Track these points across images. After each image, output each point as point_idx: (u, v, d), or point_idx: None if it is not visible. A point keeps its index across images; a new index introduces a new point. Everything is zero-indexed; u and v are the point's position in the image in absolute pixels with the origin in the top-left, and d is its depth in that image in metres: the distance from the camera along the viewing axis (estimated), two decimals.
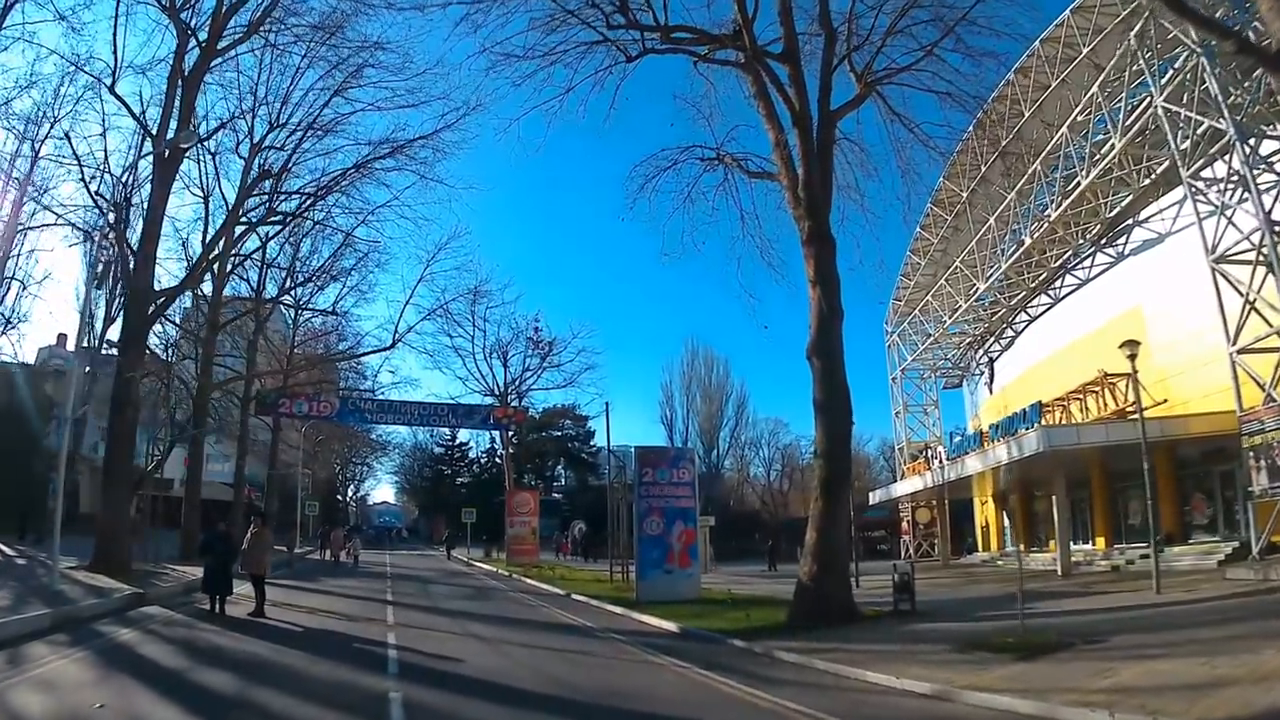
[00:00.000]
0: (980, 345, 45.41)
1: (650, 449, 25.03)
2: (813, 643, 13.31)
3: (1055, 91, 29.55)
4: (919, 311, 45.83)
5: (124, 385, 22.22)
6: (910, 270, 44.74)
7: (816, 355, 17.19)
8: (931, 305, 44.22)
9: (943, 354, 47.90)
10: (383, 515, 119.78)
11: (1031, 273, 35.81)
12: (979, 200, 36.59)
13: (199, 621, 15.48)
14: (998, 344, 43.81)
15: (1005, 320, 41.34)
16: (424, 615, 18.68)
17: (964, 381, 49.57)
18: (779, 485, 76.91)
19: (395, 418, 34.28)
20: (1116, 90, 27.02)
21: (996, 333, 43.10)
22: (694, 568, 23.29)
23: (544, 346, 48.74)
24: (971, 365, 47.83)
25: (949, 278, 40.66)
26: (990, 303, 40.28)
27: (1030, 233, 33.20)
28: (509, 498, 46.80)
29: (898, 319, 48.24)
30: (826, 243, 17.53)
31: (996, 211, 35.10)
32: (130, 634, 13.52)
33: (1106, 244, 31.72)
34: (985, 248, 37.16)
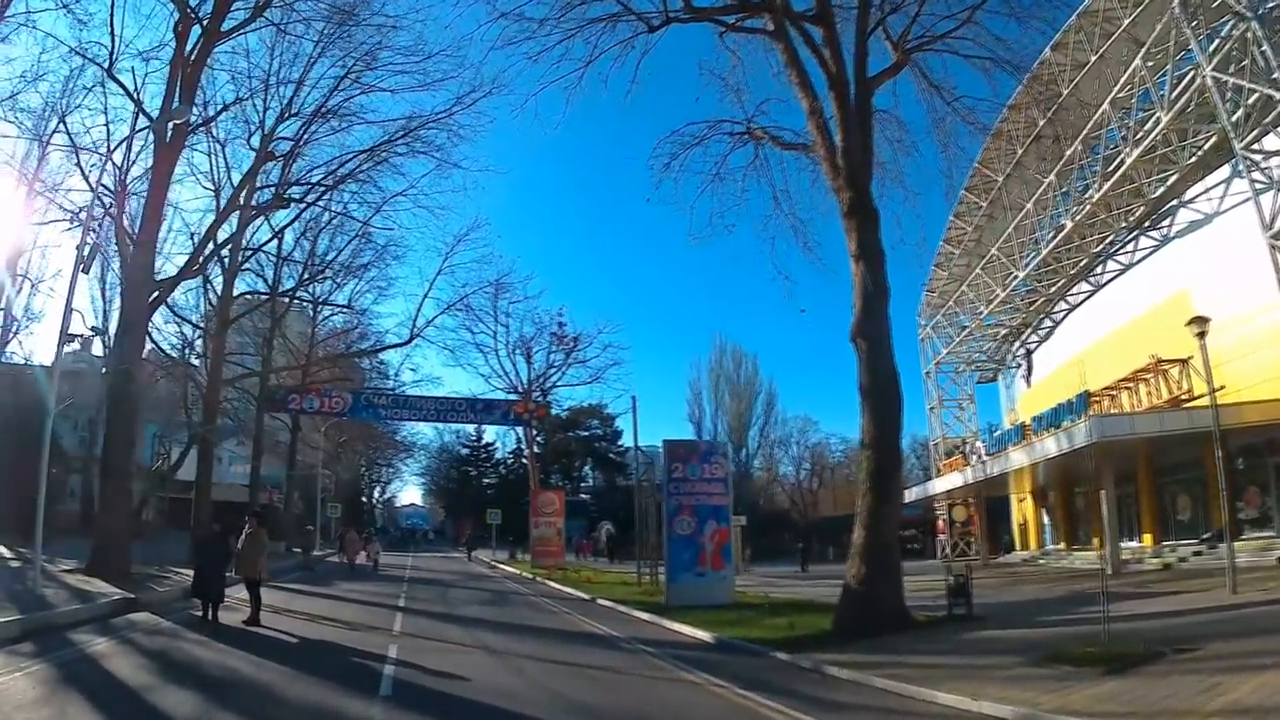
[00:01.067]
0: (1017, 337, 43.84)
1: (680, 442, 23.43)
2: (865, 655, 11.93)
3: (1094, 68, 27.92)
4: (953, 303, 44.23)
5: (121, 378, 20.99)
6: (944, 260, 43.06)
7: (862, 336, 15.84)
8: (966, 296, 42.57)
9: (978, 346, 46.14)
10: (410, 517, 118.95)
11: (1071, 258, 34.08)
12: (1015, 186, 35.03)
13: (186, 630, 14.14)
14: (1035, 335, 42.24)
15: (1043, 310, 39.70)
16: (434, 623, 17.17)
17: (999, 375, 47.88)
18: (809, 484, 75.59)
19: (411, 413, 32.78)
20: (1160, 64, 25.42)
21: (1034, 323, 41.48)
22: (727, 570, 21.79)
23: (568, 342, 47.53)
24: (1007, 358, 46.14)
25: (985, 267, 39.09)
26: (1028, 291, 38.53)
27: (1071, 216, 31.46)
28: (533, 498, 45.51)
29: (931, 311, 46.55)
30: (869, 214, 16.25)
31: (1035, 195, 33.49)
32: (104, 644, 12.31)
33: (1150, 226, 30.11)
34: (1023, 234, 35.62)
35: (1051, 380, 38.29)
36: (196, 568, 15.42)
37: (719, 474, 22.12)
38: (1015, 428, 35.77)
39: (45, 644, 11.82)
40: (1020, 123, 30.65)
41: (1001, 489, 42.40)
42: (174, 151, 22.63)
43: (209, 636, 13.45)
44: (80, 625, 13.75)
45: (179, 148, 22.88)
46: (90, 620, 14.32)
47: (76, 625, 13.69)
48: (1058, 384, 35.64)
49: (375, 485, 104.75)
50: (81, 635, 12.86)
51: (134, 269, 21.80)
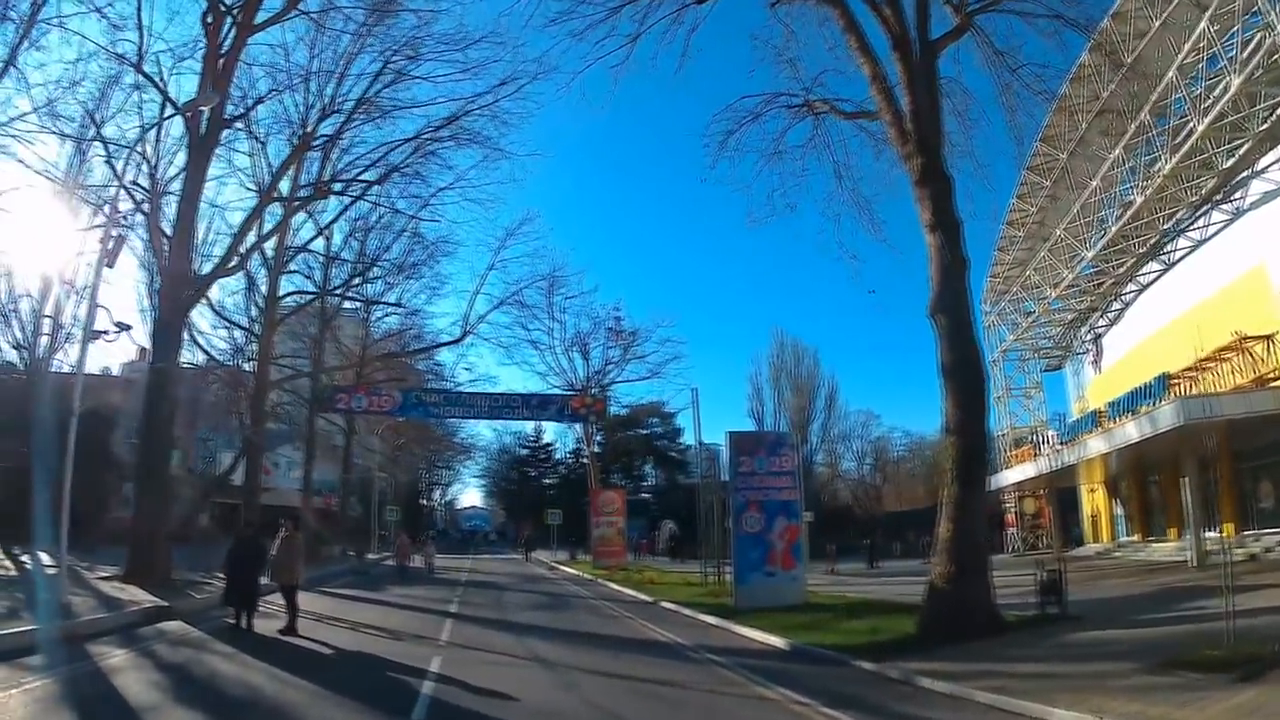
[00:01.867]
0: (1084, 321, 42.20)
1: (746, 434, 22.04)
2: (959, 662, 10.74)
3: (1157, 35, 26.22)
4: (1018, 288, 42.66)
5: (157, 378, 20.16)
6: (1006, 244, 41.53)
7: (941, 311, 14.58)
8: (1031, 280, 40.97)
9: (1044, 333, 44.64)
10: (471, 519, 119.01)
11: (1140, 236, 32.23)
12: (1079, 163, 33.44)
13: (215, 640, 13.03)
14: (1104, 319, 40.59)
15: (1112, 292, 37.95)
16: (485, 632, 15.87)
17: (1066, 362, 46.22)
18: (871, 479, 74.52)
19: (463, 411, 31.68)
20: (1226, 26, 23.66)
21: (1103, 307, 39.81)
22: (798, 569, 20.33)
23: (625, 337, 46.71)
24: (1074, 344, 44.49)
25: (1050, 249, 37.54)
26: (1095, 273, 36.78)
27: (1140, 191, 29.69)
28: (593, 497, 44.59)
29: (995, 297, 45.05)
30: (943, 181, 15.10)
31: (1100, 172, 31.80)
32: (121, 656, 11.31)
33: (1223, 199, 28.27)
34: (1088, 213, 33.93)
35: (1123, 364, 36.74)
36: (229, 574, 14.37)
37: (787, 467, 20.71)
38: (1089, 415, 34.14)
39: (58, 656, 10.91)
40: (1083, 97, 29.16)
41: (1070, 480, 40.83)
42: (209, 147, 21.81)
43: (238, 648, 12.32)
44: (102, 635, 12.78)
45: (213, 143, 22.03)
46: (115, 630, 13.36)
47: (98, 636, 12.71)
48: (1130, 368, 34.07)
49: (435, 488, 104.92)
50: (100, 646, 11.89)
51: (170, 268, 21.00)
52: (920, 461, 73.80)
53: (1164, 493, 33.25)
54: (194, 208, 21.64)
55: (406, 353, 40.93)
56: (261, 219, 28.63)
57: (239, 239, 22.70)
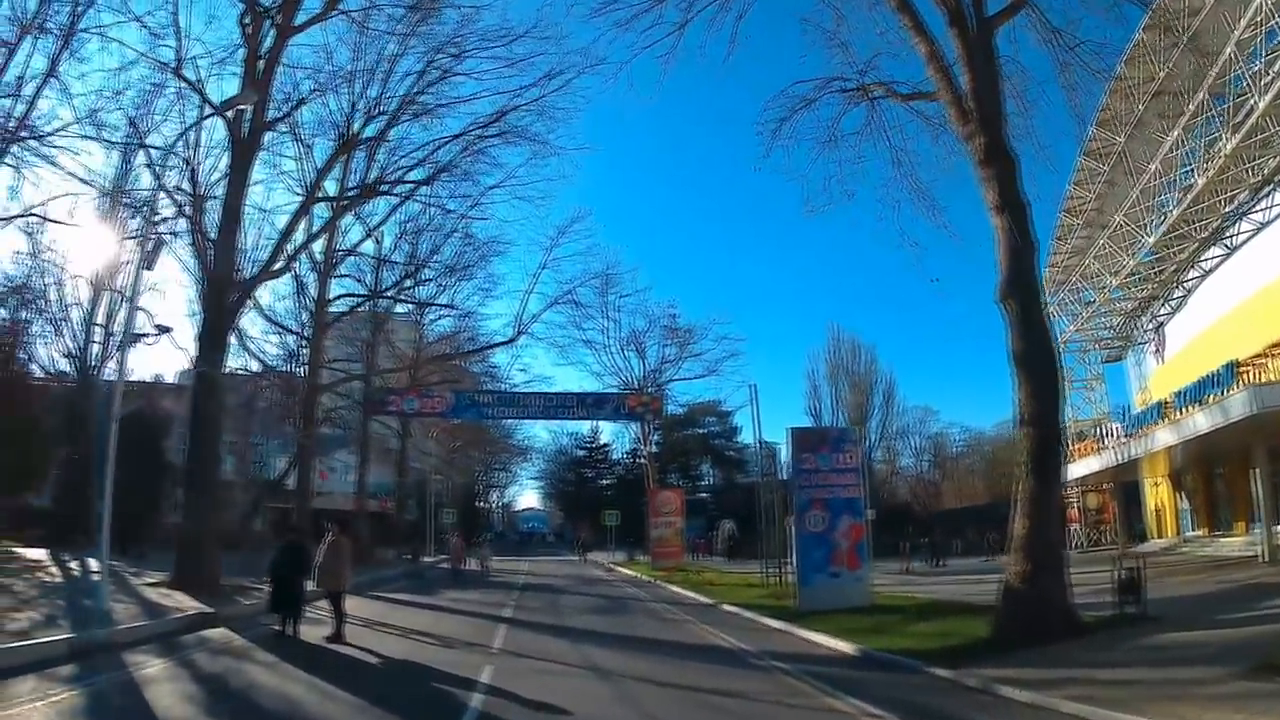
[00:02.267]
0: (1145, 310, 40.75)
1: (808, 430, 21.12)
2: (1038, 668, 10.04)
3: (1212, 11, 24.66)
4: (1078, 277, 41.23)
5: (203, 382, 19.82)
6: (1064, 232, 39.91)
7: (1011, 296, 13.79)
8: (1090, 269, 39.53)
9: (1104, 323, 43.32)
10: (528, 521, 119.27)
11: (1202, 220, 30.82)
12: (1136, 146, 31.84)
13: (258, 649, 12.49)
14: (1166, 307, 38.94)
15: (1174, 279, 36.47)
16: (540, 638, 15.11)
17: (1127, 353, 44.82)
18: (930, 476, 73.61)
19: (517, 411, 31.08)
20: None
21: (1164, 294, 38.31)
22: (864, 569, 19.38)
23: (681, 335, 45.91)
24: (1136, 333, 43.02)
25: (1110, 236, 36.08)
26: (1155, 260, 35.33)
27: (1201, 173, 28.27)
28: (651, 497, 43.90)
29: (1053, 288, 42.98)
30: (1007, 159, 14.35)
31: (1159, 154, 30.29)
32: (158, 666, 10.80)
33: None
34: (1148, 198, 32.45)
35: (1187, 353, 35.30)
36: (273, 579, 13.84)
37: (851, 463, 19.82)
38: (1154, 406, 32.76)
39: (92, 666, 10.53)
40: (1138, 78, 27.94)
41: (1132, 474, 39.81)
42: (251, 150, 21.42)
43: (280, 656, 11.75)
44: (141, 644, 12.31)
45: (255, 146, 21.63)
46: (155, 638, 12.88)
47: (137, 644, 12.24)
48: (1195, 356, 32.66)
49: (492, 490, 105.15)
50: (138, 655, 11.42)
51: (214, 271, 20.67)
52: (979, 457, 73.42)
53: (1230, 485, 32.09)
54: (237, 211, 21.25)
55: (459, 354, 40.55)
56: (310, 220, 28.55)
57: (284, 240, 22.31)
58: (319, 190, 23.30)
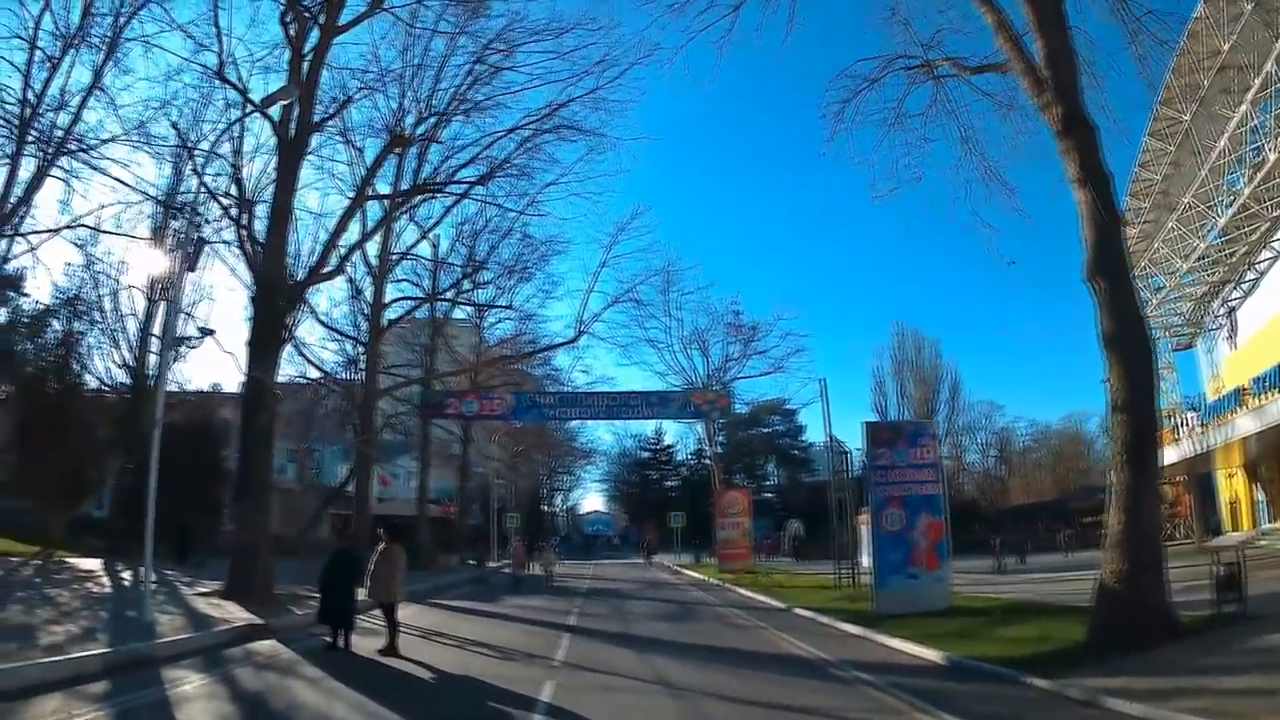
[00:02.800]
0: (1216, 294, 39.61)
1: (883, 424, 20.20)
2: (1145, 676, 9.30)
3: None
4: (1147, 263, 39.70)
5: (253, 387, 19.30)
6: (1131, 217, 38.48)
7: (1099, 274, 13.03)
8: (1160, 254, 38.44)
9: (1173, 309, 42.22)
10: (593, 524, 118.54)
11: (1273, 197, 29.79)
12: (1202, 124, 30.66)
13: (306, 663, 11.75)
14: (1237, 291, 37.95)
15: (1245, 261, 35.35)
16: (605, 648, 14.23)
17: (1197, 340, 43.59)
18: (996, 471, 72.79)
19: (579, 411, 30.20)
20: None
21: (1235, 278, 37.21)
22: (944, 569, 18.36)
23: (745, 332, 44.81)
24: (1206, 320, 41.79)
25: (1178, 219, 35.05)
26: (1226, 241, 34.31)
27: (1272, 147, 27.45)
28: (718, 498, 42.94)
29: None
30: (1086, 128, 13.48)
31: (1227, 130, 29.26)
32: (196, 683, 10.11)
33: None
34: (1216, 177, 31.49)
35: (1262, 337, 34.32)
36: (323, 589, 13.13)
37: (928, 458, 18.90)
38: (1231, 393, 32.18)
39: (125, 683, 9.83)
40: (1201, 52, 27.04)
41: (1206, 465, 38.90)
42: (298, 151, 20.92)
43: (328, 671, 10.98)
44: (183, 658, 11.63)
45: (302, 147, 21.11)
46: (198, 652, 12.20)
47: (178, 658, 11.55)
48: (1271, 340, 32.07)
49: (557, 494, 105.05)
50: (177, 671, 10.74)
51: (262, 274, 20.19)
52: (1046, 451, 72.81)
53: None
54: (285, 214, 20.75)
55: (519, 356, 39.88)
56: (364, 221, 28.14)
57: (334, 240, 21.76)
58: (369, 188, 22.64)
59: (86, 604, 15.94)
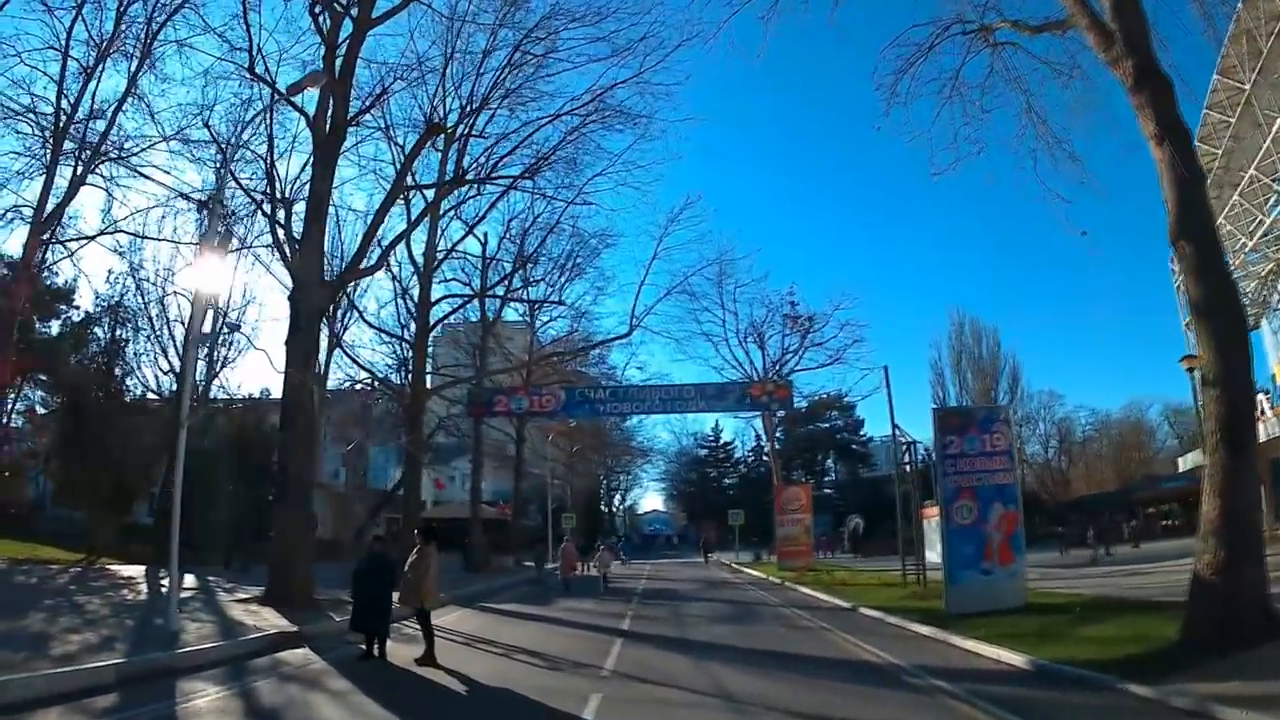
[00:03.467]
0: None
1: (953, 410, 18.95)
2: (1256, 680, 8.23)
3: None
4: None
5: (292, 386, 18.63)
6: None
7: (1184, 236, 11.86)
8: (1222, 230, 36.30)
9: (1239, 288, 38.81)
10: (652, 523, 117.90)
11: None
12: (1263, 93, 29.45)
13: (334, 674, 10.95)
14: None
15: None
16: (660, 654, 13.16)
17: (1263, 319, 41.22)
18: (1057, 463, 70.54)
19: (632, 406, 28.93)
20: None
21: None
22: (1018, 564, 16.99)
23: (803, 323, 43.29)
24: (1273, 298, 39.97)
25: (1242, 193, 33.49)
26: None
27: None
28: (777, 494, 41.73)
29: None
30: (1161, 80, 12.40)
31: None
32: (212, 696, 9.44)
33: None
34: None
35: None
36: (355, 595, 12.33)
37: (1001, 445, 17.50)
38: None
39: (136, 696, 9.16)
40: (1260, 17, 25.97)
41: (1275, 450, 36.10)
42: (333, 145, 20.28)
43: (357, 684, 10.15)
44: (205, 668, 10.93)
45: (338, 140, 20.49)
46: (223, 661, 11.48)
47: (200, 669, 10.86)
48: None
49: (615, 493, 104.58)
50: (195, 682, 10.05)
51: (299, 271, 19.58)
52: (1107, 441, 71.27)
53: None
54: (321, 209, 20.15)
55: (571, 352, 39.13)
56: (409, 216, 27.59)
57: (371, 232, 20.96)
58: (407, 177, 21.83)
59: (115, 611, 15.41)
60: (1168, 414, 71.06)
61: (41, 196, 25.01)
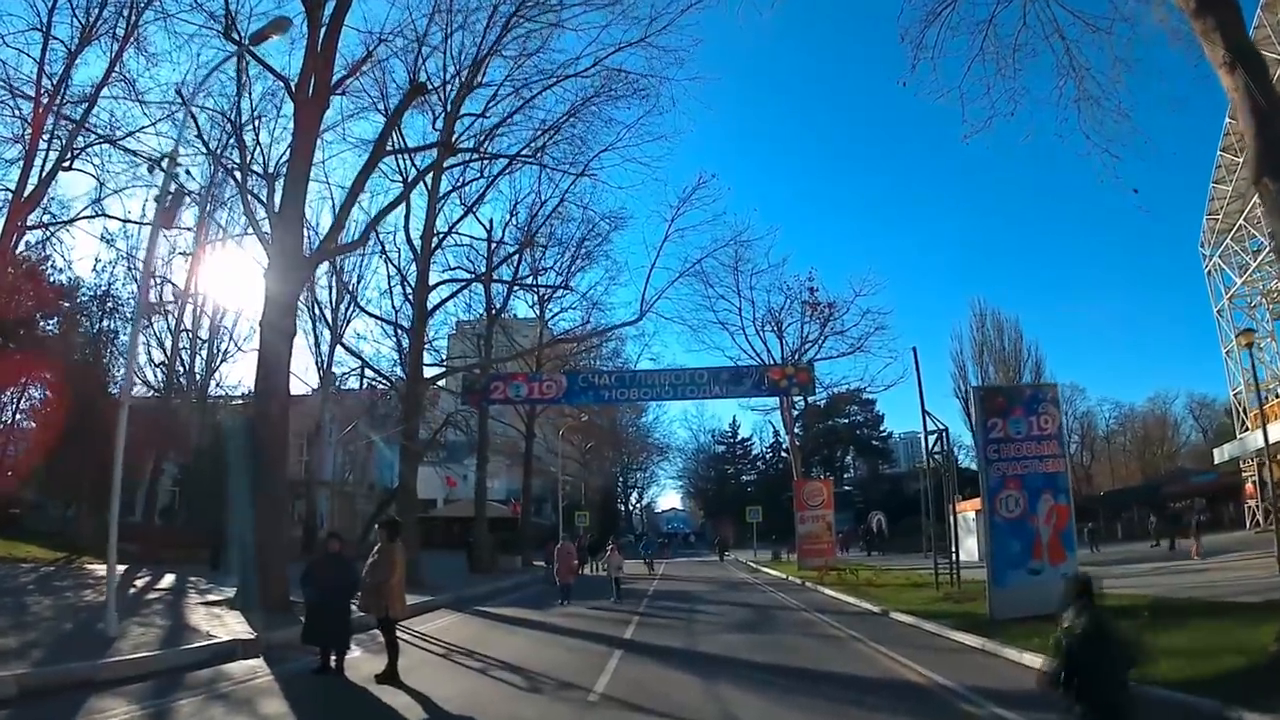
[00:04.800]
0: None
1: (998, 389, 17.25)
2: None
3: None
4: (1243, 220, 36.78)
5: (266, 371, 17.03)
6: (1224, 173, 35.94)
7: (1268, 174, 10.34)
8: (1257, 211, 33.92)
9: (1273, 272, 38.22)
10: (670, 521, 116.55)
11: None
12: None
13: (276, 692, 9.41)
14: None
15: None
16: (663, 672, 11.37)
17: None
18: (1079, 458, 68.39)
19: (639, 392, 26.72)
20: None
21: None
22: (1070, 562, 14.90)
23: (823, 310, 41.33)
24: None
25: None
26: None
27: None
28: (798, 489, 39.92)
29: (1216, 237, 39.50)
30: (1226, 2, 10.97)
31: None
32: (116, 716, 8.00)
33: None
34: None
35: None
36: (308, 601, 10.68)
37: (1050, 428, 15.66)
38: None
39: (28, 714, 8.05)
40: None
41: None
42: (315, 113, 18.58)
43: (295, 706, 8.64)
44: (130, 682, 9.44)
45: (320, 107, 18.77)
46: (157, 673, 9.93)
47: (123, 682, 9.38)
48: None
49: (632, 491, 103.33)
50: (108, 700, 8.56)
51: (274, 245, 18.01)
52: (1131, 435, 70.56)
53: None
54: (302, 181, 18.52)
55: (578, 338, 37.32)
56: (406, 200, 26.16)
57: (350, 199, 19.18)
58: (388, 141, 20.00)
59: (61, 614, 13.93)
60: (1193, 407, 70.46)
61: (21, 178, 23.99)
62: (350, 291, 35.75)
